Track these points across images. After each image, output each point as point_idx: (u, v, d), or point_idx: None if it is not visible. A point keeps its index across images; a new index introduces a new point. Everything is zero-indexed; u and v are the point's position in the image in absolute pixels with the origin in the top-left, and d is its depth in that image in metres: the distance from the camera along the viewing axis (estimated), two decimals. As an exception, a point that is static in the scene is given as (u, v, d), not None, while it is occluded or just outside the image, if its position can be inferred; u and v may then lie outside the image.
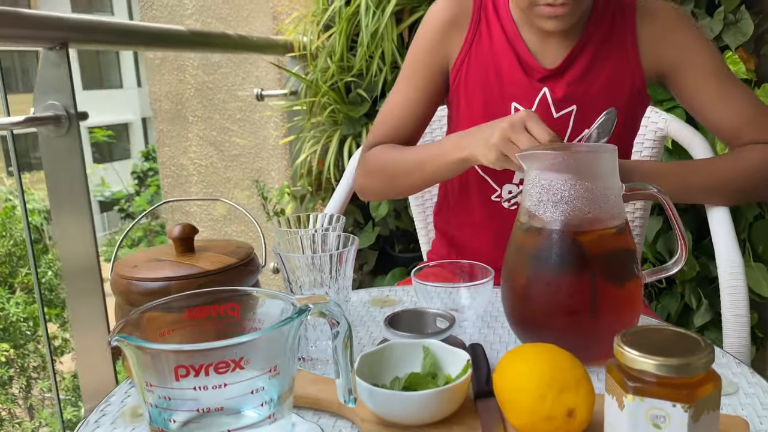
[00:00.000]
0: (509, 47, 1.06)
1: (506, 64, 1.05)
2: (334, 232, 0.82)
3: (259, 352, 0.50)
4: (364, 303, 0.98)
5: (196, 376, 0.48)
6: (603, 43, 1.04)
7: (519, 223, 0.75)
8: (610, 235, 0.71)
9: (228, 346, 0.47)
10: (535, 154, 0.73)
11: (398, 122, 1.14)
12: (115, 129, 17.70)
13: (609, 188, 0.71)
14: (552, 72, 1.04)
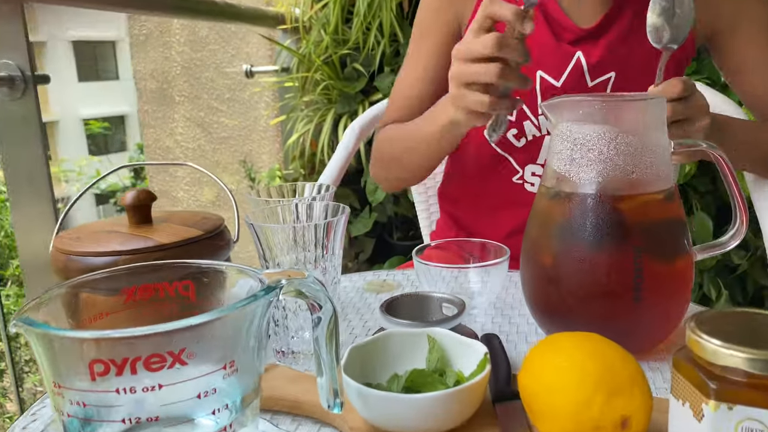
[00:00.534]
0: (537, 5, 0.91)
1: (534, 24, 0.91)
2: (322, 202, 0.69)
3: (208, 342, 0.37)
4: (358, 288, 0.85)
5: (118, 375, 0.34)
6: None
7: (544, 188, 0.62)
8: (658, 202, 0.58)
9: (160, 333, 0.34)
10: (564, 102, 0.59)
11: (409, 99, 1.01)
12: (111, 121, 17.49)
13: (657, 144, 0.58)
14: (587, 33, 0.90)
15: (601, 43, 0.89)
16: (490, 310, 0.75)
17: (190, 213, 0.68)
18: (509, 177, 0.97)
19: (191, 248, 0.60)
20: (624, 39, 0.90)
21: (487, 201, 1.02)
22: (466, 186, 1.04)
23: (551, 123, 0.62)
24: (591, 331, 0.58)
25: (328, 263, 0.63)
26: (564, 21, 0.90)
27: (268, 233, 0.60)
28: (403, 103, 1.02)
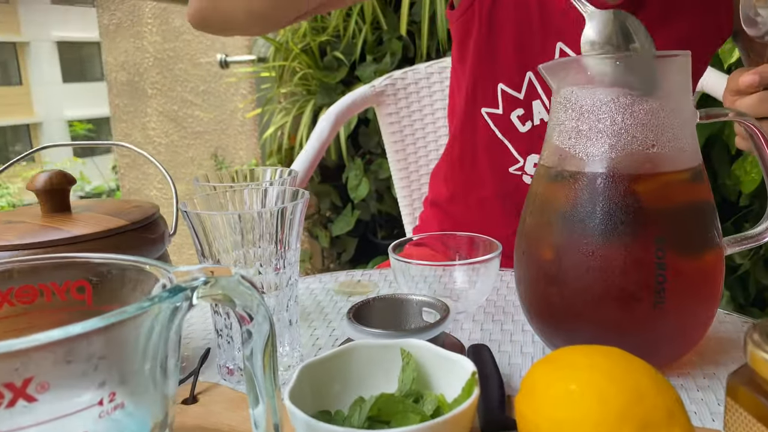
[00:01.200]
0: None
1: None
2: (278, 187, 0.57)
3: (72, 367, 0.26)
4: (328, 291, 0.73)
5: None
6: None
7: (543, 169, 0.51)
8: (683, 182, 0.48)
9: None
10: (569, 62, 0.49)
11: None
12: (96, 122, 17.24)
13: (681, 112, 0.47)
14: (618, 7, 0.78)
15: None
16: (479, 316, 0.64)
17: (121, 201, 0.57)
18: (506, 166, 0.86)
19: (113, 242, 0.49)
20: (662, 19, 0.78)
21: (481, 191, 0.91)
22: (461, 171, 0.92)
23: (553, 89, 0.51)
24: (602, 342, 0.48)
25: (283, 259, 0.52)
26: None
27: (207, 223, 0.49)
28: None
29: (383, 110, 1.26)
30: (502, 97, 0.83)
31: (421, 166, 1.28)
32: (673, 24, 0.78)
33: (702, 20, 0.79)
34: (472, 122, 0.87)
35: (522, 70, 0.81)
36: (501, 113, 0.84)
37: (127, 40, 2.18)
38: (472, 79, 0.85)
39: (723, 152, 1.61)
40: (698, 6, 0.79)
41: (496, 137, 0.85)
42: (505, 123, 0.84)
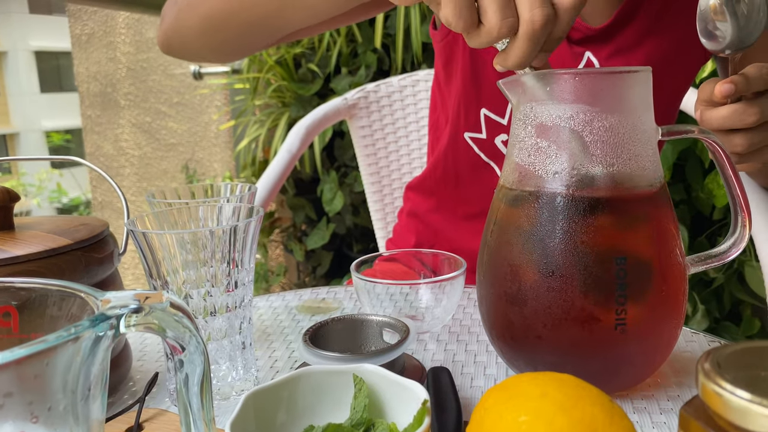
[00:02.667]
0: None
1: None
2: (235, 204, 0.56)
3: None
4: (290, 310, 0.72)
5: None
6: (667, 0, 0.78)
7: (503, 188, 0.50)
8: (644, 201, 0.47)
9: None
10: (527, 76, 0.47)
11: None
12: (74, 133, 17.05)
13: (642, 129, 0.47)
14: (598, 32, 0.77)
15: (611, 47, 0.77)
16: (444, 335, 0.63)
17: (68, 218, 0.55)
18: (492, 187, 0.85)
19: (55, 262, 0.47)
20: (639, 40, 0.77)
21: (463, 208, 0.90)
22: (445, 187, 0.91)
23: (512, 105, 0.50)
24: (563, 363, 0.46)
25: (235, 280, 0.50)
26: None
27: (154, 243, 0.47)
28: None
29: (356, 123, 1.24)
30: (485, 122, 0.82)
31: (394, 180, 1.27)
32: (659, 37, 0.78)
33: (689, 36, 0.79)
34: (455, 145, 0.86)
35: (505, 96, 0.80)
36: (485, 138, 0.83)
37: (99, 51, 2.15)
38: (457, 103, 0.84)
39: (696, 166, 1.62)
40: (685, 21, 0.79)
41: (481, 160, 0.84)
42: (489, 147, 0.83)
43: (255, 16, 0.66)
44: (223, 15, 0.68)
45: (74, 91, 12.26)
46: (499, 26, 0.44)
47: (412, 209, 0.97)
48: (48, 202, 16.94)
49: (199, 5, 0.69)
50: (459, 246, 0.91)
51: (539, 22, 0.43)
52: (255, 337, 0.64)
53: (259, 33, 0.69)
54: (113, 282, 0.53)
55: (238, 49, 0.74)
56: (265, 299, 0.76)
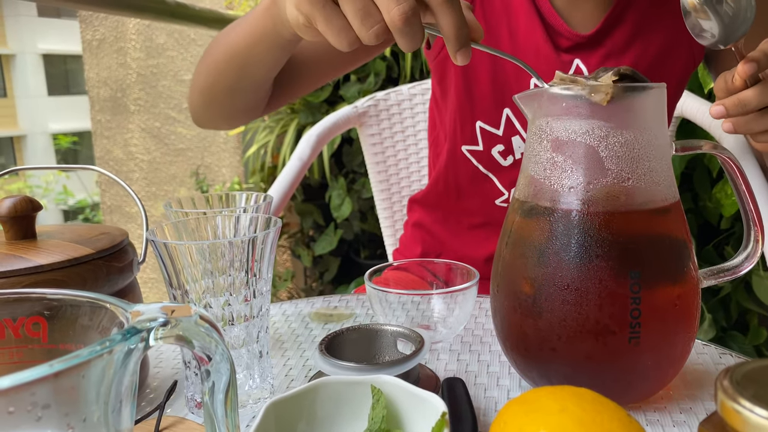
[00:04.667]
0: (530, 5, 0.79)
1: (524, 25, 0.80)
2: (250, 214, 0.56)
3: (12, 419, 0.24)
4: (303, 318, 0.72)
5: None
6: (653, 2, 0.80)
7: (518, 202, 0.51)
8: (658, 216, 0.47)
9: None
10: (543, 93, 0.48)
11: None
12: (81, 135, 17.13)
13: (657, 144, 0.47)
14: (586, 39, 0.79)
15: (600, 52, 0.78)
16: (456, 345, 0.63)
17: (88, 227, 0.56)
18: (492, 199, 0.86)
19: (77, 271, 0.48)
20: (627, 46, 0.79)
21: (467, 219, 0.91)
22: (448, 199, 0.92)
23: (528, 119, 0.51)
24: (577, 375, 0.47)
25: (253, 289, 0.50)
26: (559, 25, 0.79)
27: (174, 252, 0.47)
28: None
29: (366, 131, 1.25)
30: (481, 134, 0.83)
31: (403, 188, 1.27)
32: (647, 40, 0.79)
33: (676, 37, 0.80)
34: (454, 159, 0.87)
35: (499, 107, 0.81)
36: (481, 150, 0.84)
37: (110, 56, 2.16)
38: (453, 118, 0.85)
39: (704, 175, 1.63)
40: (671, 23, 0.79)
41: (480, 171, 0.85)
42: (486, 158, 0.84)
43: (230, 81, 0.73)
44: (208, 88, 0.76)
45: (82, 94, 12.25)
46: (368, 38, 0.48)
47: (418, 221, 0.98)
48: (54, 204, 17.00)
49: (193, 85, 0.78)
50: (465, 255, 0.91)
51: (399, 21, 0.46)
52: (269, 345, 0.64)
53: (243, 95, 0.75)
54: (132, 291, 0.54)
55: (242, 112, 0.80)
56: (277, 307, 0.76)
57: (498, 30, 0.80)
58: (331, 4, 0.49)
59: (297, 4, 0.51)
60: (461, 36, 0.48)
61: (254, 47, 0.66)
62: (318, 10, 0.49)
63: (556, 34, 0.79)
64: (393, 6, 0.46)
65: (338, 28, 0.49)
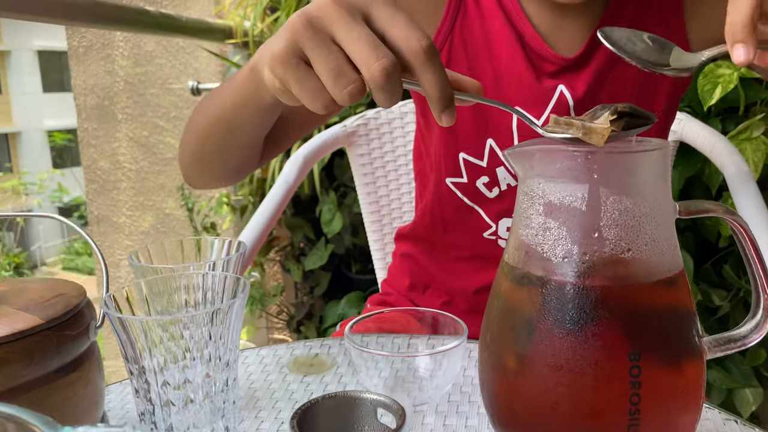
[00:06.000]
0: (510, 29, 0.76)
1: (506, 52, 0.76)
2: (221, 273, 0.52)
3: None
4: (281, 367, 0.68)
5: None
6: (636, 17, 0.76)
7: (507, 266, 0.47)
8: (661, 290, 0.43)
9: None
10: (534, 151, 0.44)
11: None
12: (76, 133, 17.08)
13: (660, 210, 0.43)
14: (571, 62, 0.75)
15: (587, 72, 0.75)
16: (443, 405, 0.59)
17: (44, 286, 0.51)
18: (480, 232, 0.82)
19: (24, 345, 0.43)
20: (613, 64, 0.76)
21: (455, 252, 0.87)
22: (434, 232, 0.88)
23: (519, 177, 0.46)
24: (571, 467, 0.43)
25: (217, 362, 0.46)
26: (543, 50, 0.75)
27: (130, 326, 0.43)
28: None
29: (355, 151, 1.21)
30: (465, 165, 0.79)
31: (393, 209, 1.23)
32: (626, 66, 0.75)
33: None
34: (439, 192, 0.83)
35: (482, 137, 0.77)
36: (466, 182, 0.80)
37: (97, 63, 2.11)
38: (437, 150, 0.81)
39: (703, 193, 1.59)
40: (660, 30, 0.76)
41: (466, 204, 0.81)
42: (471, 191, 0.80)
43: (218, 144, 0.69)
44: (198, 151, 0.72)
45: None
46: (342, 98, 0.45)
47: (405, 252, 0.94)
48: (49, 201, 16.93)
49: (183, 149, 0.75)
50: (453, 287, 0.88)
51: (380, 77, 0.43)
52: (242, 401, 0.60)
53: (232, 157, 0.71)
54: (89, 358, 0.49)
55: (234, 172, 0.76)
56: (255, 353, 0.72)
57: (478, 60, 0.76)
58: (304, 65, 0.46)
59: (271, 68, 0.47)
60: (445, 96, 0.44)
61: (239, 111, 0.62)
62: (291, 72, 0.45)
63: (539, 59, 0.76)
64: (373, 62, 0.43)
65: (311, 90, 0.46)
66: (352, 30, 0.44)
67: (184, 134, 0.74)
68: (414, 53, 0.44)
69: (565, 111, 0.75)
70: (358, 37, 0.44)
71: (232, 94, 0.61)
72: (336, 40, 0.45)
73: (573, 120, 0.45)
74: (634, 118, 0.44)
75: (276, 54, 0.46)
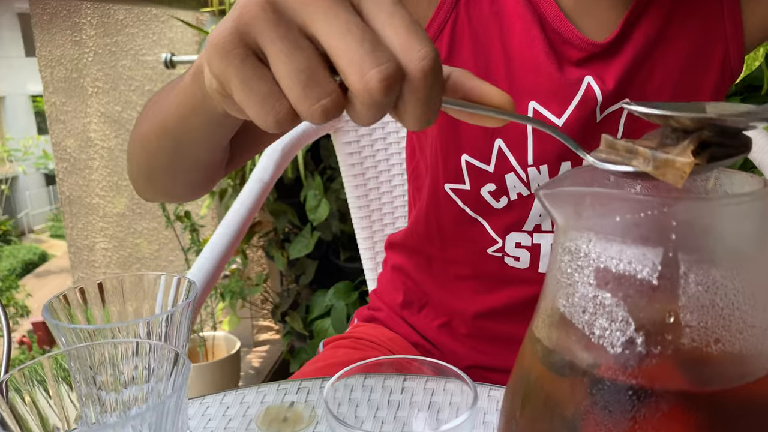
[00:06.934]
0: (527, 6, 0.62)
1: (520, 35, 0.63)
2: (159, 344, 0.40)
3: None
4: (248, 422, 0.56)
5: None
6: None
7: (540, 344, 0.34)
8: (758, 391, 0.31)
9: None
10: (584, 194, 0.31)
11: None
12: (60, 98, 16.67)
13: (761, 282, 0.31)
14: (603, 48, 0.62)
15: (620, 61, 0.62)
16: (445, 484, 0.47)
17: None
18: (484, 248, 0.70)
19: None
20: (648, 54, 0.63)
21: (454, 270, 0.75)
22: (429, 244, 0.76)
23: (557, 225, 0.34)
24: None
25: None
26: (569, 33, 0.62)
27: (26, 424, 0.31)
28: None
29: (341, 138, 1.08)
30: (467, 170, 0.66)
31: (384, 204, 1.11)
32: (673, 44, 0.63)
33: (708, 38, 0.64)
34: (436, 199, 0.70)
35: (489, 138, 0.64)
36: (468, 189, 0.67)
37: (63, 33, 1.95)
38: (433, 150, 0.68)
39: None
40: (702, 19, 0.63)
41: (467, 215, 0.69)
42: (474, 199, 0.68)
43: (166, 162, 0.57)
44: (145, 166, 0.60)
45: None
46: (312, 114, 0.32)
47: (397, 264, 0.81)
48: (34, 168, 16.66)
49: (129, 157, 0.63)
50: (454, 308, 0.76)
51: (378, 93, 0.30)
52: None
53: (185, 176, 0.59)
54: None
55: (189, 190, 0.63)
56: (218, 400, 0.60)
57: (488, 43, 0.63)
58: (254, 61, 0.32)
59: (208, 61, 0.33)
60: (423, 124, 0.33)
61: (185, 123, 0.49)
62: (233, 68, 0.32)
63: (563, 44, 0.62)
64: (370, 67, 0.30)
65: (261, 97, 0.32)
66: (337, 18, 0.31)
67: (130, 143, 0.61)
68: (412, 69, 0.31)
69: (592, 108, 0.62)
70: (346, 29, 0.31)
71: (176, 103, 0.47)
72: (309, 32, 0.32)
73: (637, 146, 0.32)
74: (724, 147, 0.31)
75: (215, 42, 0.32)
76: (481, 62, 0.63)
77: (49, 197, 16.42)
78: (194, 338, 1.85)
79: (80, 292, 0.48)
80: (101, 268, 2.13)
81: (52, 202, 16.41)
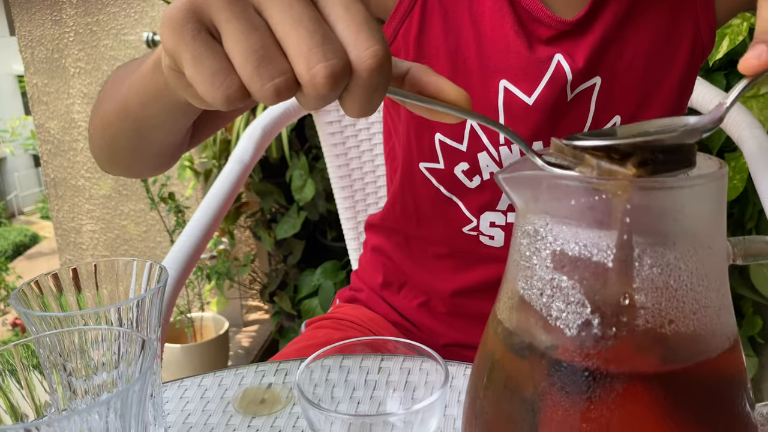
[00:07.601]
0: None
1: (493, 14, 0.62)
2: (125, 330, 0.40)
3: None
4: (226, 404, 0.57)
5: None
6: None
7: (502, 326, 0.35)
8: (713, 372, 0.32)
9: None
10: (542, 178, 0.32)
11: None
12: (47, 78, 16.45)
13: (712, 262, 0.31)
14: (571, 26, 0.62)
15: (589, 39, 0.62)
16: (419, 462, 0.48)
17: None
18: (459, 227, 0.70)
19: None
20: (621, 28, 0.62)
21: (431, 248, 0.75)
22: (406, 224, 0.76)
23: (516, 208, 0.34)
24: None
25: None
26: (539, 11, 0.61)
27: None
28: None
29: (323, 118, 1.07)
30: (441, 149, 0.66)
31: (367, 184, 1.11)
32: (644, 21, 0.63)
33: (679, 15, 0.64)
34: (411, 178, 0.70)
35: None
36: (443, 168, 0.68)
37: (42, 12, 1.92)
38: (406, 130, 0.68)
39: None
40: (664, 4, 0.63)
41: (442, 194, 0.69)
42: (449, 179, 0.68)
43: (128, 144, 0.56)
44: (106, 146, 0.60)
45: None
46: (264, 93, 0.31)
47: (377, 246, 0.82)
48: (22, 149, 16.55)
49: (90, 136, 0.62)
50: (432, 287, 0.77)
51: (323, 87, 0.31)
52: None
53: (146, 158, 0.59)
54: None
55: (151, 169, 0.63)
56: (197, 383, 0.61)
57: (458, 21, 0.63)
58: (206, 36, 0.32)
59: (161, 37, 0.33)
60: (363, 114, 0.34)
61: (147, 109, 0.48)
62: (185, 44, 0.31)
63: (533, 22, 0.62)
64: (317, 61, 0.30)
65: (211, 73, 0.31)
66: (291, 7, 0.31)
67: (91, 120, 0.60)
68: (359, 66, 0.31)
69: (562, 85, 0.62)
70: (299, 19, 0.31)
71: (137, 88, 0.47)
72: (264, 16, 0.32)
73: (584, 153, 0.32)
74: (666, 154, 0.31)
75: (169, 16, 0.32)
76: (452, 40, 0.63)
77: (38, 178, 16.28)
78: (182, 319, 1.85)
79: (53, 278, 0.48)
80: (89, 251, 2.13)
81: (41, 184, 16.30)
